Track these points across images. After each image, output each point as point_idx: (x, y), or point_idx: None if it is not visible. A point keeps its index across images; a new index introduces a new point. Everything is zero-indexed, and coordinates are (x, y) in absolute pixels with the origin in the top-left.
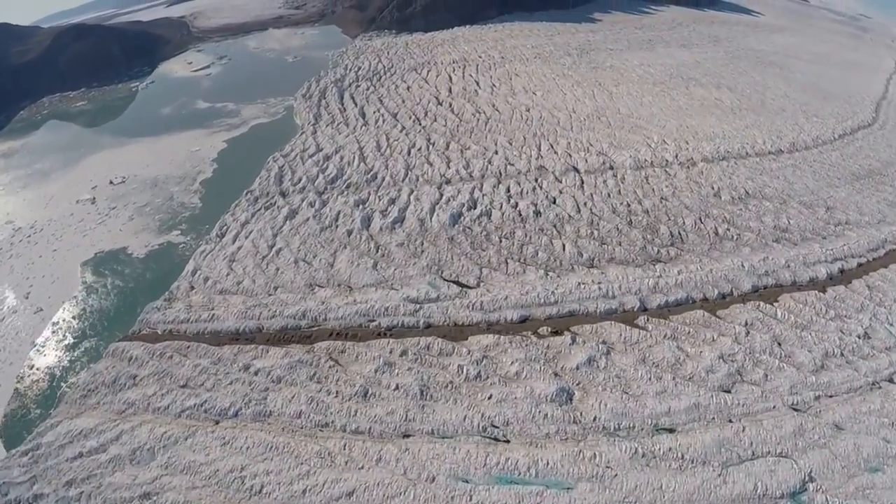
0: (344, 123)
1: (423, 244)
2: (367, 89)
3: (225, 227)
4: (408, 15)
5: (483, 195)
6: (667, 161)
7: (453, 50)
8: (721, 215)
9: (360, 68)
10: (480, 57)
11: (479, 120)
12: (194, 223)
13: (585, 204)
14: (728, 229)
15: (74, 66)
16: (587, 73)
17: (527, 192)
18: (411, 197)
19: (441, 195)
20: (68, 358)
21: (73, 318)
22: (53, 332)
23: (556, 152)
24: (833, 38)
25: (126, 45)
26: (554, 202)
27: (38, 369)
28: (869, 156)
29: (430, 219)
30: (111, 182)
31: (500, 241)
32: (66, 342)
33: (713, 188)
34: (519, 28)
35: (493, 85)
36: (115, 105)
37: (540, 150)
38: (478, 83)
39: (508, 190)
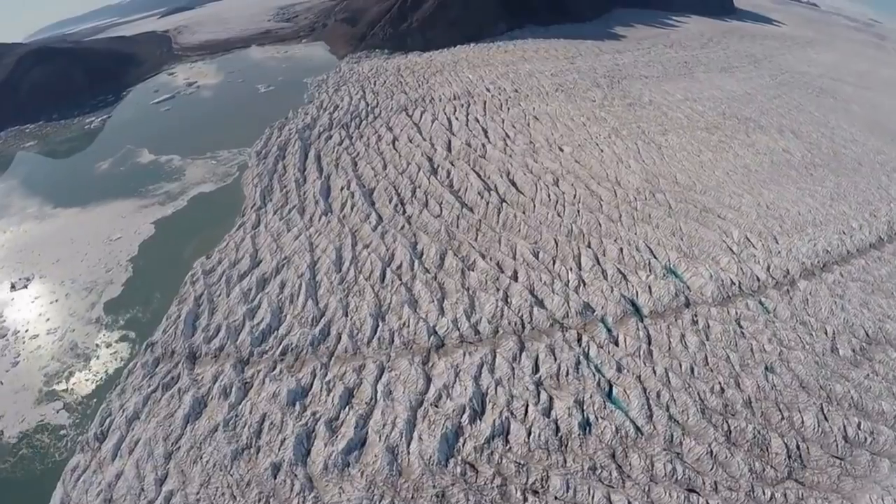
0: (298, 210)
1: None
2: (340, 143)
3: (107, 421)
4: (402, 31)
5: (495, 382)
6: (759, 281)
7: (455, 79)
8: (846, 395)
9: (336, 107)
10: (488, 90)
11: (488, 204)
12: (80, 389)
13: (659, 395)
14: (860, 425)
15: (36, 93)
16: (624, 115)
17: (566, 374)
18: (378, 387)
19: (428, 383)
20: None
21: None
22: None
23: (603, 271)
24: (863, 51)
25: (94, 69)
26: (609, 395)
27: None
28: None
29: (408, 446)
30: (13, 286)
31: (526, 501)
32: None
33: (827, 334)
34: (533, 47)
35: (507, 135)
36: (61, 149)
37: (580, 266)
38: (486, 132)
39: (536, 367)
